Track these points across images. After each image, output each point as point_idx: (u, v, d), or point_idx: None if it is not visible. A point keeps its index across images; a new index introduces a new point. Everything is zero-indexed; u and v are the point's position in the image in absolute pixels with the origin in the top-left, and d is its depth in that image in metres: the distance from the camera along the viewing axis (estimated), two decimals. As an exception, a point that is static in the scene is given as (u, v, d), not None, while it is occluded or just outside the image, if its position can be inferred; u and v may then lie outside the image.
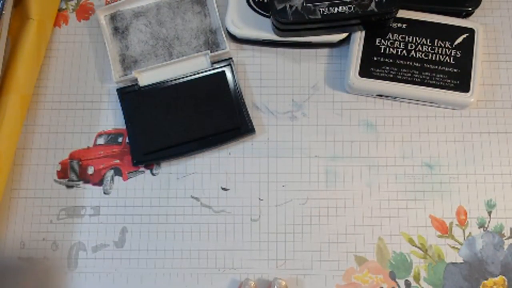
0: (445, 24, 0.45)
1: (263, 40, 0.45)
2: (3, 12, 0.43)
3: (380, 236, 0.43)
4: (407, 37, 0.45)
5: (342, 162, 0.44)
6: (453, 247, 0.43)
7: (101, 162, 0.45)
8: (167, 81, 0.45)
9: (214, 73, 0.45)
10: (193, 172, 0.44)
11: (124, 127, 0.45)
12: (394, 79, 0.44)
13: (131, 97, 0.45)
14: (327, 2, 0.42)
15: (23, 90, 0.44)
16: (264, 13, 0.45)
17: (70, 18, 0.48)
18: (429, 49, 0.44)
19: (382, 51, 0.44)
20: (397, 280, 0.42)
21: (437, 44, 0.44)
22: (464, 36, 0.45)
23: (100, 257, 0.43)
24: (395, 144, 0.45)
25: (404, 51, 0.44)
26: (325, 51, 0.47)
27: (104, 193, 0.44)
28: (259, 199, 0.44)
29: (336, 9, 0.42)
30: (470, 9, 0.45)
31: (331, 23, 0.43)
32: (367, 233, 0.43)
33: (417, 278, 0.42)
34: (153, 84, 0.45)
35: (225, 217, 0.43)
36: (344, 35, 0.45)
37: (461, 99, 0.43)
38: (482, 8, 0.46)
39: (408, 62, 0.44)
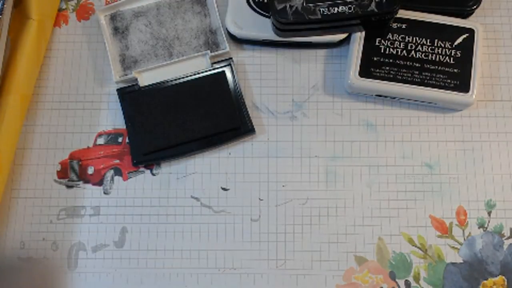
0: (445, 24, 0.45)
1: (263, 40, 0.45)
2: (3, 12, 0.43)
3: (380, 236, 0.43)
4: (407, 37, 0.45)
5: (342, 162, 0.44)
6: (453, 247, 0.43)
7: (101, 162, 0.45)
8: (167, 81, 0.45)
9: (214, 73, 0.45)
10: (193, 172, 0.44)
11: (124, 127, 0.45)
12: (394, 79, 0.44)
13: (131, 97, 0.45)
14: (327, 2, 0.42)
15: (23, 90, 0.44)
16: (264, 13, 0.45)
17: (70, 18, 0.48)
18: (429, 49, 0.44)
19: (382, 51, 0.44)
20: (397, 280, 0.42)
21: (437, 44, 0.44)
22: (464, 36, 0.45)
23: (100, 257, 0.43)
24: (395, 144, 0.45)
25: (404, 51, 0.44)
26: (325, 51, 0.47)
27: (104, 193, 0.44)
28: (259, 199, 0.44)
29: (336, 9, 0.42)
30: (470, 9, 0.45)
31: (331, 23, 0.43)
32: (367, 233, 0.43)
33: (417, 278, 0.42)
34: (153, 84, 0.45)
35: (225, 217, 0.43)
36: (344, 35, 0.45)
37: (461, 99, 0.43)
38: (482, 8, 0.46)
39: (408, 62, 0.44)
